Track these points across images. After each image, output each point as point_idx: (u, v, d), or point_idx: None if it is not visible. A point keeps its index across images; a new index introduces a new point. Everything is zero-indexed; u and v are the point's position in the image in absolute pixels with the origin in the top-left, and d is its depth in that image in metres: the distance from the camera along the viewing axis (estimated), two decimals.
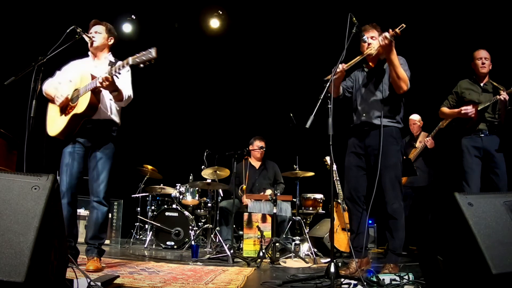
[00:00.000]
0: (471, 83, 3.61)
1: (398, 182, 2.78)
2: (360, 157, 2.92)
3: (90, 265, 2.63)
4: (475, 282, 1.54)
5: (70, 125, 2.73)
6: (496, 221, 1.60)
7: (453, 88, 3.71)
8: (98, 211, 2.80)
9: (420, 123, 4.91)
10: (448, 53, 5.12)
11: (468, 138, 3.48)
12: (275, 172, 5.00)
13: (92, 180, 2.81)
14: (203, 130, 6.77)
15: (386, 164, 2.74)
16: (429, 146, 4.57)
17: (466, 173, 3.40)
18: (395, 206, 2.73)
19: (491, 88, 3.52)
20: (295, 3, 5.91)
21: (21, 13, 5.28)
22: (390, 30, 2.61)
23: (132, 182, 5.81)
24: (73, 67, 2.98)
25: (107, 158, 2.83)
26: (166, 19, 6.44)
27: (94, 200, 2.81)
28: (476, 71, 3.57)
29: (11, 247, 1.33)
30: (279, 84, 6.45)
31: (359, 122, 2.94)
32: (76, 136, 2.79)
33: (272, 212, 3.86)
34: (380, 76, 2.90)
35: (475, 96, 3.52)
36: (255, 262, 3.41)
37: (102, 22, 2.99)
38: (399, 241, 2.74)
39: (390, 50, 2.66)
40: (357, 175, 2.92)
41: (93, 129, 2.79)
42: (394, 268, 2.69)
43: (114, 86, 2.66)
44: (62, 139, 2.81)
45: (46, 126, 2.84)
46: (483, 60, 3.50)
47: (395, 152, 2.78)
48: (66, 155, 2.78)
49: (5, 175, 1.51)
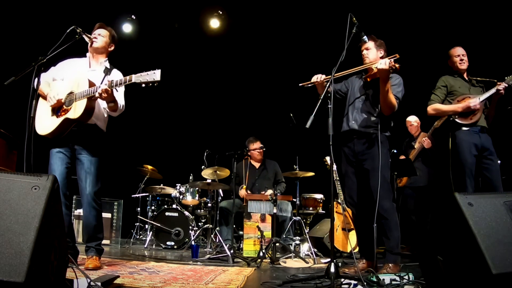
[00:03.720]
0: (454, 78, 3.53)
1: (387, 182, 2.84)
2: (352, 164, 2.99)
3: (89, 263, 2.66)
4: (475, 282, 1.54)
5: (61, 128, 2.72)
6: (496, 221, 1.60)
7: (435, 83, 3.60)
8: (89, 214, 2.80)
9: (417, 124, 4.91)
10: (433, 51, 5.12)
11: (465, 132, 3.35)
12: (275, 171, 5.00)
13: (80, 183, 2.81)
14: (203, 130, 6.77)
15: (374, 165, 2.80)
16: (426, 146, 4.55)
17: (465, 173, 3.37)
18: (386, 206, 2.77)
19: (476, 82, 3.50)
20: (295, 3, 5.91)
21: (21, 13, 5.28)
22: (392, 61, 2.65)
23: (132, 182, 5.81)
24: (68, 65, 2.95)
25: (93, 161, 2.81)
26: (166, 19, 6.44)
27: (84, 203, 2.81)
28: (455, 68, 3.53)
29: (11, 247, 1.33)
30: (279, 84, 6.44)
31: (347, 129, 3.00)
32: (65, 138, 2.78)
33: (272, 212, 3.86)
34: (376, 90, 2.90)
35: (465, 90, 3.46)
36: (255, 262, 3.41)
37: (107, 27, 2.99)
38: (394, 240, 2.76)
39: (385, 77, 2.71)
40: (354, 181, 2.99)
41: (79, 132, 2.78)
42: (393, 268, 2.69)
43: (112, 97, 2.69)
44: (50, 138, 2.78)
45: (35, 123, 2.75)
46: (461, 57, 3.49)
47: (382, 154, 2.81)
48: (54, 157, 2.77)
49: (5, 175, 1.51)
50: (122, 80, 2.56)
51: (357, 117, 2.95)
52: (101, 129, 2.91)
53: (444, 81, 3.54)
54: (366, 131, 2.90)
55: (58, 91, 2.77)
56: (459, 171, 3.34)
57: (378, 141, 2.81)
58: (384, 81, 2.72)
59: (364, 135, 2.91)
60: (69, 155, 2.80)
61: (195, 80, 6.91)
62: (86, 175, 2.78)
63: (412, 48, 5.09)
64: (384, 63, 2.64)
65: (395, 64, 2.64)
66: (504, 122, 3.58)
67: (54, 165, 2.75)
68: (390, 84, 2.76)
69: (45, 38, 3.35)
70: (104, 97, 2.62)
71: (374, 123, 2.88)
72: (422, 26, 5.18)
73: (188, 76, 6.90)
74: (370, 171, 2.83)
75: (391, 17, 5.36)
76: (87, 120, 2.75)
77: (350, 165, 3.00)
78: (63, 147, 2.78)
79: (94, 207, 2.80)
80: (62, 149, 2.78)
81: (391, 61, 2.65)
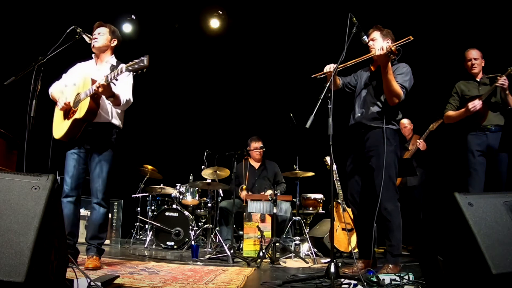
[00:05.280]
0: (467, 82, 3.62)
1: (392, 182, 2.75)
2: (357, 161, 2.93)
3: (89, 263, 2.67)
4: (475, 282, 1.54)
5: (73, 129, 2.78)
6: (496, 221, 1.60)
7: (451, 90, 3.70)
8: (97, 212, 2.86)
9: (410, 126, 5.07)
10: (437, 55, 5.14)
11: (473, 135, 3.45)
12: (275, 172, 5.00)
13: (92, 182, 2.87)
14: (203, 130, 6.76)
15: (379, 164, 2.72)
16: (421, 148, 4.68)
17: (470, 174, 3.41)
18: (389, 207, 2.71)
19: (488, 81, 3.52)
20: (295, 3, 5.91)
21: (21, 13, 5.28)
22: (389, 45, 2.62)
23: (132, 182, 5.81)
24: (78, 69, 3.01)
25: (106, 160, 2.87)
26: (166, 19, 6.44)
27: (94, 202, 2.86)
28: (468, 71, 3.61)
29: (11, 247, 1.33)
30: (279, 84, 6.44)
31: (354, 123, 2.96)
32: (79, 139, 2.84)
33: (272, 212, 3.86)
34: (381, 80, 2.88)
35: (475, 92, 3.52)
36: (255, 262, 3.41)
37: (106, 24, 3.00)
38: (395, 242, 2.72)
39: (384, 63, 2.65)
40: (357, 179, 2.94)
41: (92, 132, 2.83)
42: (393, 269, 2.68)
43: (109, 92, 2.68)
44: (66, 141, 2.87)
45: (53, 128, 2.92)
46: (473, 61, 3.53)
47: (388, 152, 2.74)
48: (69, 158, 2.85)
49: (5, 175, 1.51)
50: (115, 73, 2.56)
51: (363, 109, 2.90)
52: (116, 125, 2.94)
53: (456, 88, 3.65)
54: (373, 125, 2.82)
55: (67, 95, 2.85)
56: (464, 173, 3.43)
57: (385, 137, 2.72)
58: (384, 66, 2.65)
59: (371, 129, 2.83)
60: (83, 156, 2.86)
61: (195, 80, 6.91)
62: (98, 174, 2.83)
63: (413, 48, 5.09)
64: (381, 48, 2.60)
65: (391, 47, 2.58)
66: (504, 122, 3.58)
67: (68, 166, 2.83)
68: (390, 69, 2.67)
69: (45, 38, 3.35)
70: (102, 92, 2.62)
71: (380, 115, 2.81)
72: (422, 26, 5.16)
73: (188, 76, 6.90)
74: (376, 170, 2.74)
75: (391, 17, 5.35)
76: (93, 119, 2.77)
77: (355, 161, 2.94)
78: (78, 148, 2.85)
79: (104, 205, 2.87)
80: (76, 150, 2.85)
81: (389, 45, 2.61)
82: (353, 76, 3.13)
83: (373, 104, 2.88)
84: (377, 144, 2.77)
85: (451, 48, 3.68)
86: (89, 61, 3.04)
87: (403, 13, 5.21)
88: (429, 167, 4.90)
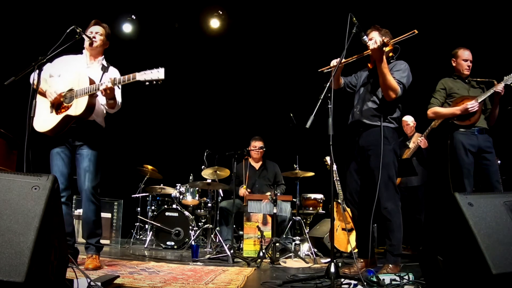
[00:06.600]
0: (454, 80, 3.54)
1: (392, 182, 2.75)
2: (356, 160, 2.93)
3: (89, 263, 2.67)
4: (475, 282, 1.54)
5: (61, 125, 2.74)
6: (496, 221, 1.60)
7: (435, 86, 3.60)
8: (88, 209, 2.82)
9: (413, 124, 4.95)
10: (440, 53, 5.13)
11: (463, 134, 3.37)
12: (275, 172, 5.00)
13: (79, 179, 2.82)
14: (203, 130, 6.76)
15: (378, 164, 2.71)
16: (422, 146, 4.57)
17: (463, 173, 3.36)
18: (389, 207, 2.71)
19: (475, 84, 3.49)
20: (295, 3, 5.91)
21: (21, 13, 5.28)
22: (383, 38, 2.63)
23: (132, 182, 5.81)
24: (64, 62, 2.95)
25: (92, 156, 2.82)
26: (166, 19, 6.44)
27: (83, 199, 2.82)
28: (458, 71, 3.53)
29: (11, 247, 1.33)
30: (279, 84, 6.44)
31: (353, 120, 2.96)
32: (64, 135, 2.79)
33: (272, 212, 3.86)
34: (377, 77, 2.89)
35: (465, 92, 3.46)
36: (255, 262, 3.41)
37: (102, 24, 3.00)
38: (395, 242, 2.71)
39: (378, 57, 2.67)
40: (356, 179, 2.93)
41: (78, 128, 2.80)
42: (393, 269, 2.67)
43: (113, 94, 2.74)
44: (51, 135, 2.79)
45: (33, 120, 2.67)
46: (469, 63, 3.49)
47: (387, 152, 2.73)
48: (54, 157, 2.80)
49: (5, 175, 1.51)
50: (126, 78, 2.58)
51: (361, 107, 2.90)
52: (100, 124, 2.93)
53: (443, 83, 3.55)
54: (372, 123, 2.81)
55: (56, 87, 2.79)
56: (457, 172, 3.35)
57: (383, 136, 2.72)
58: (379, 60, 2.67)
59: (369, 127, 2.83)
60: (69, 154, 2.82)
61: (195, 80, 6.91)
62: (85, 170, 2.79)
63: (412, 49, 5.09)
64: (374, 42, 2.62)
65: (383, 40, 2.60)
66: (504, 122, 3.57)
67: (55, 166, 2.78)
68: (385, 62, 2.68)
69: (45, 38, 3.35)
70: (107, 94, 2.65)
71: (377, 111, 2.81)
72: (421, 27, 5.16)
73: (188, 76, 6.89)
74: (375, 169, 2.73)
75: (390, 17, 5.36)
76: (88, 117, 2.77)
77: (354, 161, 2.93)
78: (63, 146, 2.80)
79: (93, 202, 2.81)
80: (62, 148, 2.80)
81: (382, 39, 2.63)
82: (354, 76, 3.15)
83: (371, 101, 2.88)
84: (375, 143, 2.77)
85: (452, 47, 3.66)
86: (78, 56, 2.99)
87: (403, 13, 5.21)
88: (431, 166, 4.79)
